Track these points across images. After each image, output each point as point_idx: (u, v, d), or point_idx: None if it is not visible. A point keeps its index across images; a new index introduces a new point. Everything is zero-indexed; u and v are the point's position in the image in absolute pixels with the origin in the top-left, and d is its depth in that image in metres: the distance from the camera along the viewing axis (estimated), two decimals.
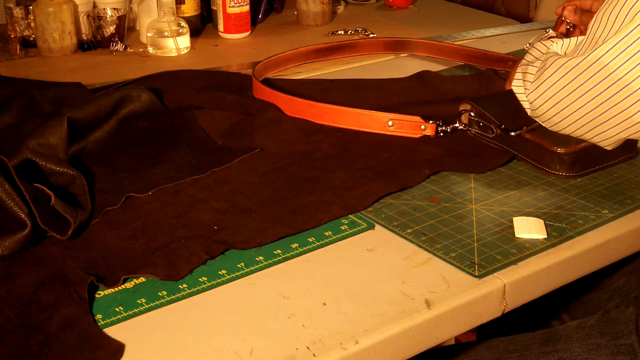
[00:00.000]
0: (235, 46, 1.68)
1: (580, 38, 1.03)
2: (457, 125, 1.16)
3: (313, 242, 0.92)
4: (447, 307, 0.82)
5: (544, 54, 1.06)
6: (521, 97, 1.07)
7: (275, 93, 1.27)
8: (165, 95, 1.32)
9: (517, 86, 1.08)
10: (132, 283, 0.85)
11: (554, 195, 1.02)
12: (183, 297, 0.83)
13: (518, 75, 1.09)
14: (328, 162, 1.10)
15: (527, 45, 1.20)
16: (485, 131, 1.12)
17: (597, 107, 0.96)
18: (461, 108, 1.16)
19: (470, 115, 1.15)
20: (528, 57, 1.08)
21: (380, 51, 1.56)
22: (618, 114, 0.95)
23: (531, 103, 1.04)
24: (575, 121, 0.99)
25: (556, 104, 1.00)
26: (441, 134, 1.17)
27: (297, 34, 1.74)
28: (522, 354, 1.01)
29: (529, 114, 1.07)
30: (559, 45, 1.05)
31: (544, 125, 1.06)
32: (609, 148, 1.03)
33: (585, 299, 1.20)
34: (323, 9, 1.80)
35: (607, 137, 0.99)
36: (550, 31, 1.15)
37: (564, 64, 0.98)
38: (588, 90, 0.96)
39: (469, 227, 0.95)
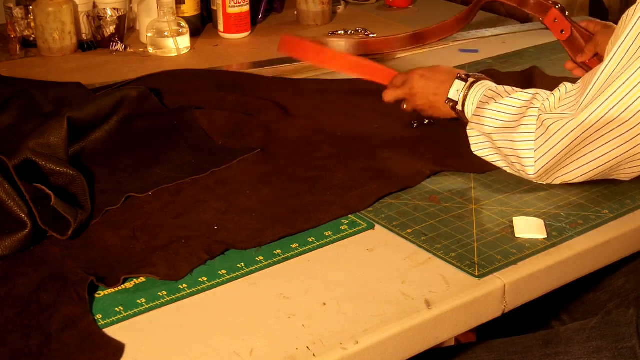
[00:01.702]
0: (235, 46, 1.68)
1: (570, 87, 0.99)
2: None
3: (313, 242, 0.92)
4: (447, 307, 0.82)
5: (517, 115, 0.99)
6: (499, 164, 1.04)
7: (304, 42, 1.30)
8: (165, 95, 1.32)
9: (487, 153, 1.04)
10: (132, 283, 0.85)
11: (554, 195, 1.02)
12: (183, 297, 0.83)
13: (479, 139, 1.04)
14: (328, 162, 1.10)
15: (457, 94, 1.11)
16: None
17: (622, 154, 0.94)
18: None
19: None
20: (490, 122, 1.02)
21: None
22: None
23: (538, 170, 0.99)
24: (592, 170, 0.97)
25: (571, 163, 0.97)
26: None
27: (297, 34, 1.74)
28: (522, 356, 1.01)
29: (523, 176, 1.02)
30: (551, 101, 0.98)
31: (548, 182, 1.02)
32: (627, 179, 1.01)
33: (585, 300, 1.20)
34: (323, 9, 1.80)
35: (628, 173, 0.98)
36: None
37: (577, 127, 0.93)
38: (610, 140, 0.93)
39: (469, 227, 0.95)
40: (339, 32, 1.73)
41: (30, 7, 1.58)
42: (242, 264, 0.88)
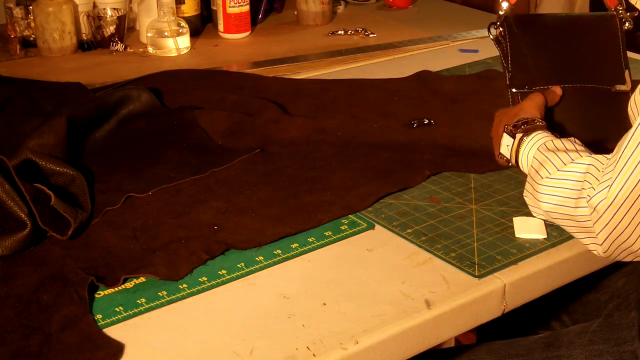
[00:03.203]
0: (235, 46, 1.68)
1: (608, 156, 0.89)
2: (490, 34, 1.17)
3: (313, 242, 0.92)
4: (447, 307, 0.82)
5: (573, 196, 0.89)
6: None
7: None
8: (165, 95, 1.32)
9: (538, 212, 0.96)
10: (132, 283, 0.85)
11: None
12: (183, 297, 0.83)
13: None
14: (328, 162, 1.10)
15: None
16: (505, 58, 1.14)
17: None
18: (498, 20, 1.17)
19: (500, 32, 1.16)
20: (546, 199, 0.92)
21: None
22: None
23: (606, 250, 0.88)
24: None
25: (632, 233, 0.86)
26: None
27: (297, 34, 1.74)
28: (524, 358, 1.01)
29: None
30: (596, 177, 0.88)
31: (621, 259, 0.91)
32: None
33: (585, 300, 1.20)
34: (323, 9, 1.80)
35: None
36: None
37: (616, 195, 0.84)
38: None
39: (469, 227, 0.95)
40: (339, 32, 1.73)
41: (30, 7, 1.58)
42: (242, 264, 0.88)
